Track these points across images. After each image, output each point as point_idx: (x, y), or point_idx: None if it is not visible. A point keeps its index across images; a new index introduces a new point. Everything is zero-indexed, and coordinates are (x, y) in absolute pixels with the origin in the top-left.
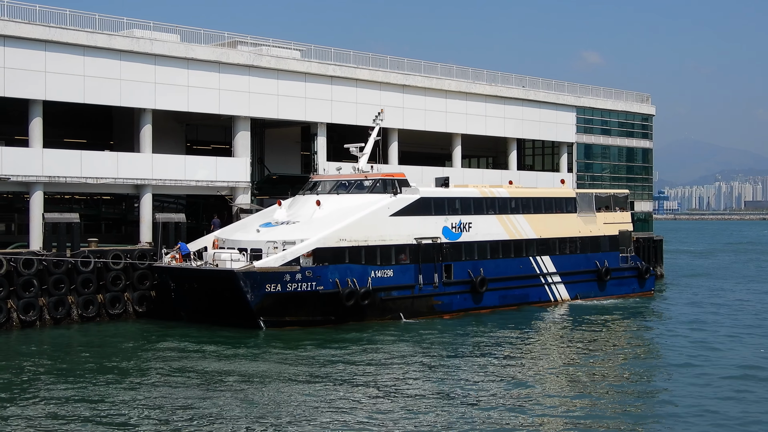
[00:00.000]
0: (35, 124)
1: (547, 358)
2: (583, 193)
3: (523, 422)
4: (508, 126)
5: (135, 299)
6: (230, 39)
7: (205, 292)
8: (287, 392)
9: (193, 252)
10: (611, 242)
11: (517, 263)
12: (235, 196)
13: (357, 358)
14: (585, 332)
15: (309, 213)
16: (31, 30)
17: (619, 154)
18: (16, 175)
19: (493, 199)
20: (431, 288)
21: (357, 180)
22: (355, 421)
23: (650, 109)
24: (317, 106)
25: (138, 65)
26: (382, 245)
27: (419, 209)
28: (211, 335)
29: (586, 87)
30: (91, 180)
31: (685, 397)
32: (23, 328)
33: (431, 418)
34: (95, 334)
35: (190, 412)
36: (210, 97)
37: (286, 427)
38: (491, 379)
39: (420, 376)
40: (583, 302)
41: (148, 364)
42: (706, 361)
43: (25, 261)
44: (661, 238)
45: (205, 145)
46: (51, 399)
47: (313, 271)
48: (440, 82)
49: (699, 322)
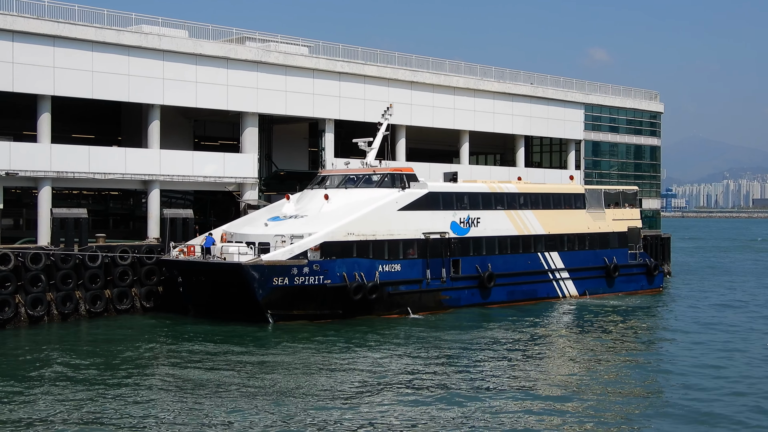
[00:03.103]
0: (44, 119)
1: (554, 355)
2: (592, 189)
3: (524, 420)
4: (516, 123)
5: (142, 294)
6: (238, 35)
7: (212, 286)
8: (298, 386)
9: (201, 247)
10: (620, 239)
11: (525, 259)
12: (243, 192)
13: (365, 352)
14: (592, 329)
15: (317, 207)
16: (40, 25)
17: (627, 151)
18: (25, 171)
19: (501, 195)
20: (439, 283)
21: (365, 174)
22: (361, 415)
23: (658, 107)
24: (325, 102)
25: (146, 61)
26: (390, 240)
27: (427, 204)
28: (219, 330)
29: (594, 84)
30: (99, 175)
31: (692, 395)
32: (31, 323)
33: (434, 413)
34: (104, 328)
35: (203, 407)
36: (218, 93)
37: (300, 419)
38: (497, 375)
39: (425, 370)
40: (591, 299)
41: (157, 359)
42: (717, 359)
43: (33, 256)
44: (668, 236)
45: (212, 141)
46: (60, 395)
47: (320, 264)
48: (448, 79)
49: (709, 319)
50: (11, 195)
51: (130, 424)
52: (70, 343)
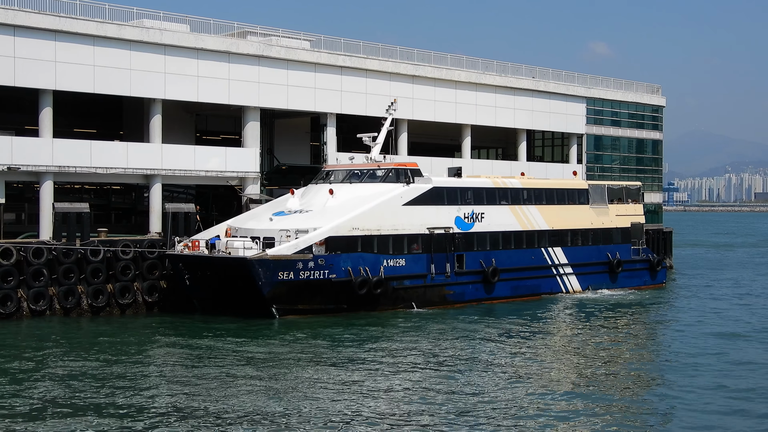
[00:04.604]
0: (45, 113)
1: (557, 350)
2: (596, 184)
3: (526, 415)
4: (517, 117)
5: (144, 289)
6: (240, 29)
7: (217, 280)
8: (304, 379)
9: (206, 241)
10: (623, 234)
11: (529, 254)
12: (245, 187)
13: (369, 346)
14: (595, 324)
15: (322, 202)
16: (41, 20)
17: (629, 145)
18: (27, 165)
19: (505, 190)
20: (443, 278)
21: (370, 169)
22: (366, 408)
23: (660, 101)
24: (327, 96)
25: (148, 55)
26: (394, 234)
27: (432, 199)
28: (223, 323)
29: (596, 78)
30: (101, 170)
31: (698, 392)
32: (33, 317)
33: (438, 406)
34: (107, 323)
35: (207, 402)
36: (220, 88)
37: (306, 414)
38: (500, 368)
39: (428, 365)
40: (595, 294)
41: (160, 352)
42: (721, 353)
43: (35, 250)
44: (670, 230)
45: (214, 136)
46: (60, 388)
47: (325, 259)
48: (450, 73)
49: (712, 314)
50: (13, 189)
51: (131, 417)
52: (72, 337)
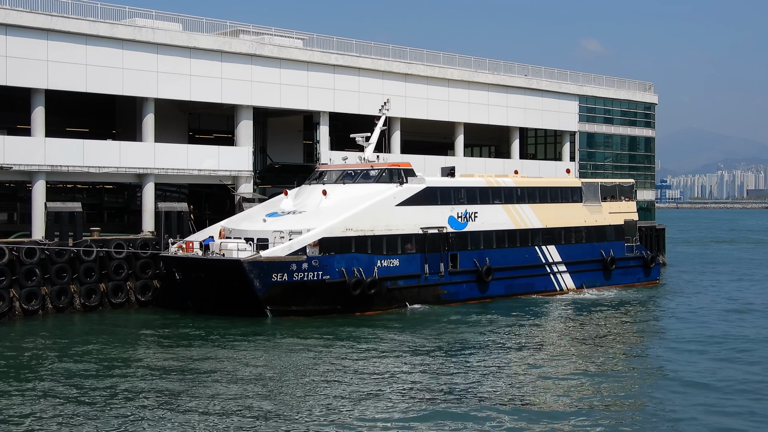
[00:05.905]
0: (38, 113)
1: (552, 349)
2: (589, 182)
3: (521, 415)
4: (510, 115)
5: (137, 288)
6: (232, 28)
7: (211, 282)
8: (298, 379)
9: (200, 243)
10: (617, 232)
11: (522, 253)
12: (238, 186)
13: (364, 347)
14: (590, 322)
15: (315, 203)
16: (33, 19)
17: (622, 142)
18: (19, 164)
19: (498, 189)
20: (437, 277)
21: (363, 170)
22: (360, 409)
23: (653, 98)
24: (320, 95)
25: (140, 54)
26: (388, 235)
27: (425, 199)
28: (216, 324)
29: (588, 75)
30: (94, 169)
31: (694, 388)
32: (26, 317)
33: (432, 407)
34: (101, 323)
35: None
36: (212, 86)
37: (303, 417)
38: (494, 369)
39: (423, 364)
40: (589, 292)
41: (152, 353)
42: (714, 350)
43: (27, 250)
44: (663, 227)
45: (207, 134)
46: (53, 389)
47: (319, 260)
48: (443, 71)
49: (705, 310)
50: (5, 189)
51: (123, 419)
52: (63, 337)
